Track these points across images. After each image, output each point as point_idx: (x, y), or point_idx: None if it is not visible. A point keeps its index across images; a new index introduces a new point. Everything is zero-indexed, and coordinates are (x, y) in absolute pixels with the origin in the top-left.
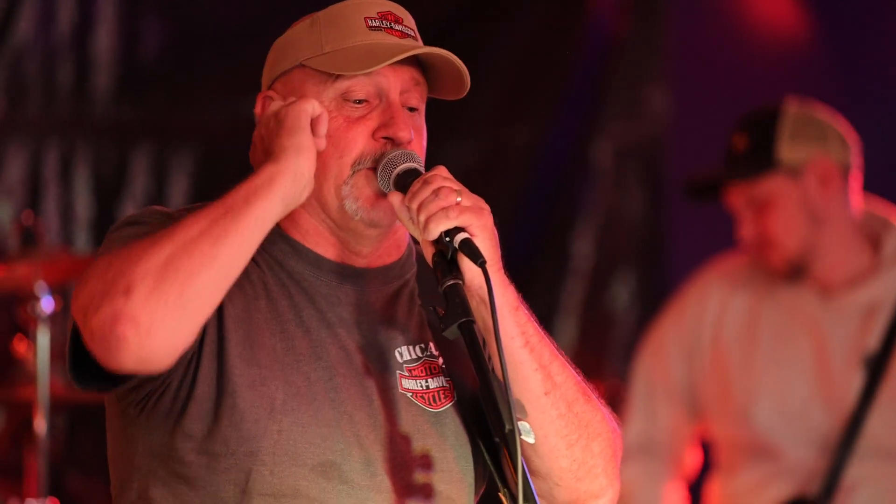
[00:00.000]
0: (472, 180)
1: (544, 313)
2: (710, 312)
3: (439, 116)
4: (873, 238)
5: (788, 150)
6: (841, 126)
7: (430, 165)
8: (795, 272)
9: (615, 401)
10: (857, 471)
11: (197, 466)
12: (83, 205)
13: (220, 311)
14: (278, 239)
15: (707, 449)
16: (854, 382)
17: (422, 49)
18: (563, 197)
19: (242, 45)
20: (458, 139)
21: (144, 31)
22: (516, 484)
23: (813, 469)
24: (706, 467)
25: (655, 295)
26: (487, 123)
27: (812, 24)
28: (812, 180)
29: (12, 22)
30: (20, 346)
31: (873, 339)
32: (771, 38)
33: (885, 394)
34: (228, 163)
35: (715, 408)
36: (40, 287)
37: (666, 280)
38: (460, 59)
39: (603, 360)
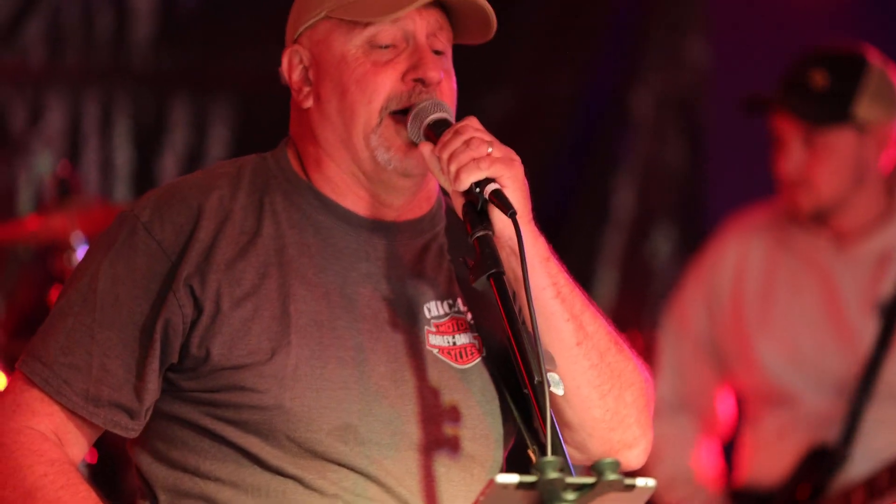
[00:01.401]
0: (511, 131)
1: (584, 264)
2: (728, 265)
3: (478, 66)
4: (890, 186)
5: (866, 108)
6: None
7: (468, 116)
8: (817, 217)
9: (654, 353)
10: (876, 415)
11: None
12: (122, 155)
13: (227, 279)
14: (307, 192)
15: (740, 403)
16: (868, 329)
17: None
18: (602, 147)
19: None
20: (498, 89)
21: None
22: (545, 436)
23: (830, 415)
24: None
25: (696, 246)
26: (527, 73)
27: None
28: (873, 143)
29: None
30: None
31: (888, 285)
32: None
33: None
34: (267, 112)
35: (736, 359)
36: (76, 237)
37: (706, 231)
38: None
39: (643, 312)
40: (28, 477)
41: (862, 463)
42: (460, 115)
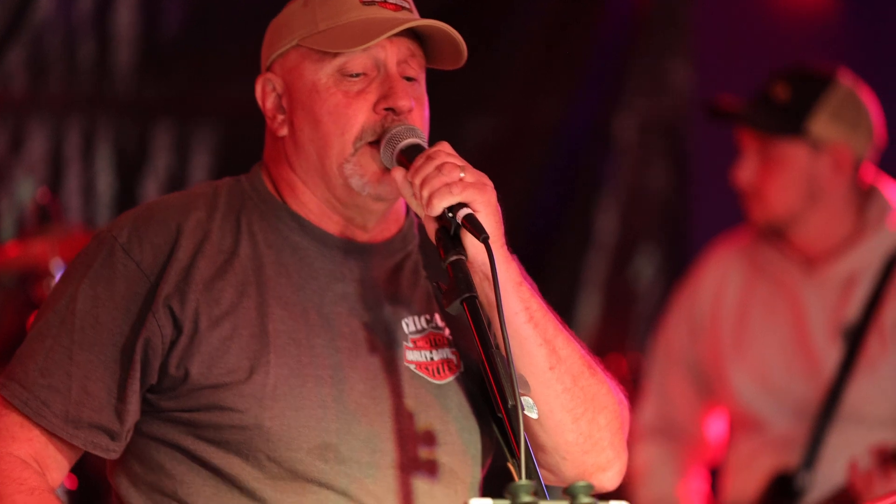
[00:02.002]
0: (495, 156)
1: (568, 288)
2: (709, 290)
3: (462, 92)
4: (859, 207)
5: (822, 125)
6: (874, 116)
7: (454, 141)
8: (772, 232)
9: (637, 376)
10: (838, 440)
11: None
12: (105, 182)
13: (206, 298)
14: (285, 214)
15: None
16: (833, 353)
17: (416, 22)
18: (586, 172)
19: (263, 21)
20: (482, 115)
21: (165, 7)
22: (519, 459)
23: (796, 440)
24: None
25: (679, 270)
26: (511, 99)
27: None
28: (827, 162)
29: None
30: None
31: (852, 309)
32: (794, 10)
33: (864, 363)
34: (249, 138)
35: (717, 384)
36: (56, 264)
37: (689, 255)
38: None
39: (626, 335)
40: None
41: (825, 487)
42: (443, 140)
